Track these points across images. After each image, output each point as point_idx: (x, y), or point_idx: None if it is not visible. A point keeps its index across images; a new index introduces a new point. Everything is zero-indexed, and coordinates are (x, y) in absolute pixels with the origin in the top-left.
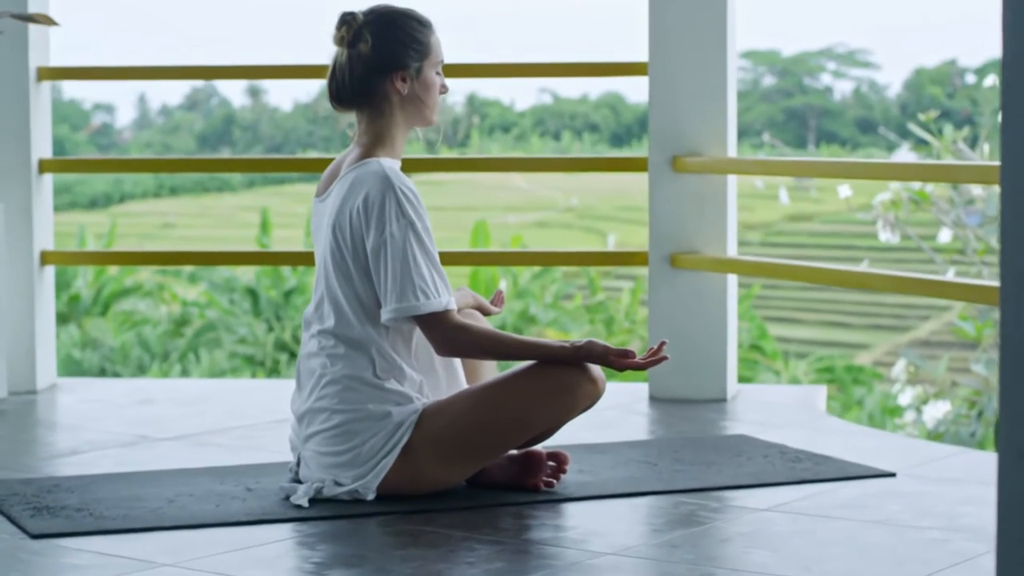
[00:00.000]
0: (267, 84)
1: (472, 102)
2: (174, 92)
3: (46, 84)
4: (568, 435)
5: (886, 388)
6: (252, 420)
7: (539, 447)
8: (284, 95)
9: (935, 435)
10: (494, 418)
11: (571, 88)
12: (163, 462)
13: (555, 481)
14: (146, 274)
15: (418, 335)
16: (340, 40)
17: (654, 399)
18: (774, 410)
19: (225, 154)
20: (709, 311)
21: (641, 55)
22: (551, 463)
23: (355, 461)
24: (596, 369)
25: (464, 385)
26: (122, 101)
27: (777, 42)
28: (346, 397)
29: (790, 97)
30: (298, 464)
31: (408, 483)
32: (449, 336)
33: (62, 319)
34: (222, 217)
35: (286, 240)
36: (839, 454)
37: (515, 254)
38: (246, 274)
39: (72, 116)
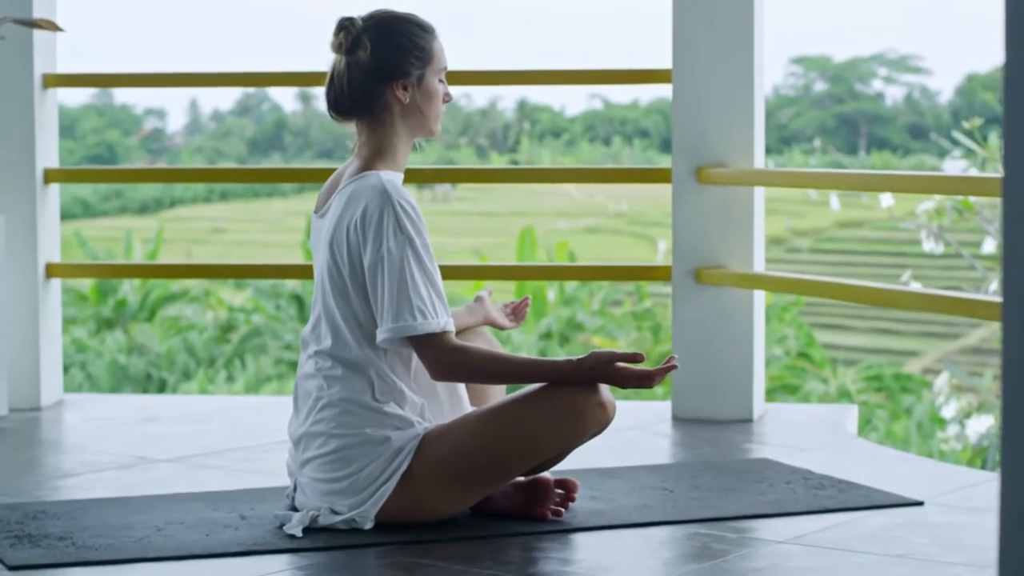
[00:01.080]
0: (318, 90)
1: (522, 108)
2: (225, 97)
3: (52, 91)
4: (585, 458)
5: (935, 397)
6: (257, 440)
7: (547, 474)
8: None
9: (979, 450)
10: (498, 444)
11: (622, 94)
12: (159, 486)
13: (563, 510)
14: (192, 279)
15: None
16: (338, 47)
17: (677, 419)
18: (802, 431)
19: (276, 160)
20: (735, 328)
21: (666, 62)
22: (559, 491)
23: (352, 488)
24: (605, 393)
25: (468, 408)
26: (173, 106)
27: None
28: (343, 421)
29: (841, 103)
30: (295, 490)
31: (408, 512)
32: (444, 359)
33: (108, 324)
34: (272, 222)
35: None
36: (866, 480)
37: (530, 268)
38: (292, 280)
39: (124, 121)
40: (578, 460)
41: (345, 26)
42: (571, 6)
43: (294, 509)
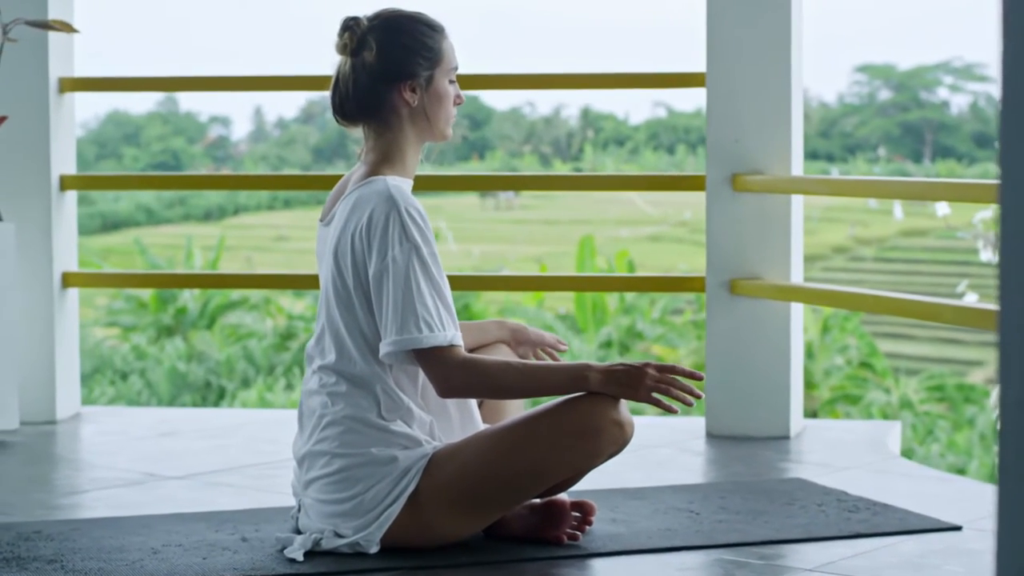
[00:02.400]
0: None
1: (586, 116)
2: (290, 105)
3: (69, 96)
4: (610, 476)
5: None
6: (274, 456)
7: (564, 495)
8: None
9: None
10: (509, 465)
11: (686, 102)
12: (164, 504)
13: (580, 534)
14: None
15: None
16: (343, 48)
17: (711, 436)
18: (840, 449)
19: (340, 167)
20: (771, 341)
21: (700, 65)
22: (576, 514)
23: (357, 510)
24: (623, 411)
25: (480, 426)
26: (238, 114)
27: (893, 56)
28: (348, 440)
29: (906, 111)
30: (299, 511)
31: (415, 535)
32: (451, 375)
33: (168, 332)
34: None
35: None
36: (904, 502)
37: (562, 279)
38: None
39: (188, 129)
40: (602, 479)
41: (350, 26)
42: (611, 11)
43: (298, 532)
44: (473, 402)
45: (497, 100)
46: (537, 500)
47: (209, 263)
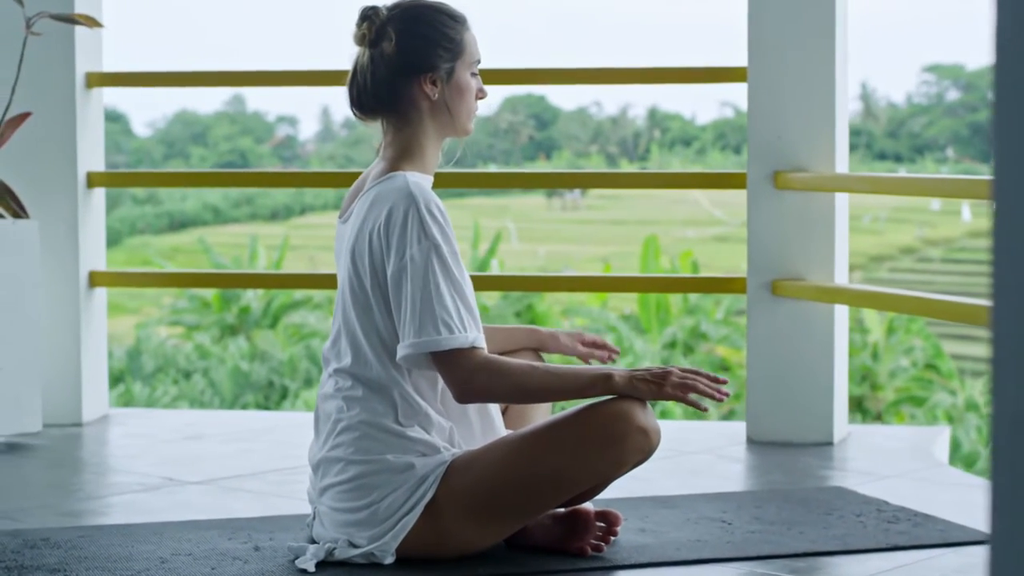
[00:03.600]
0: None
1: (653, 116)
2: None
3: (97, 91)
4: (642, 483)
5: None
6: (297, 461)
7: (589, 504)
8: None
9: None
10: (530, 474)
11: None
12: (179, 511)
13: (604, 545)
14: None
15: None
16: (361, 39)
17: (752, 442)
18: (885, 456)
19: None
20: (814, 344)
21: (741, 59)
22: (600, 524)
23: (372, 519)
24: (649, 417)
25: (502, 432)
26: (305, 113)
27: (961, 56)
28: (363, 446)
29: (975, 112)
30: (314, 520)
31: (432, 545)
32: (471, 379)
33: (232, 331)
34: None
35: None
36: (947, 512)
37: (602, 279)
38: None
39: (256, 128)
40: (634, 486)
41: (368, 16)
42: (655, 7)
43: (313, 541)
44: (495, 408)
45: (564, 100)
46: (561, 509)
47: (273, 263)
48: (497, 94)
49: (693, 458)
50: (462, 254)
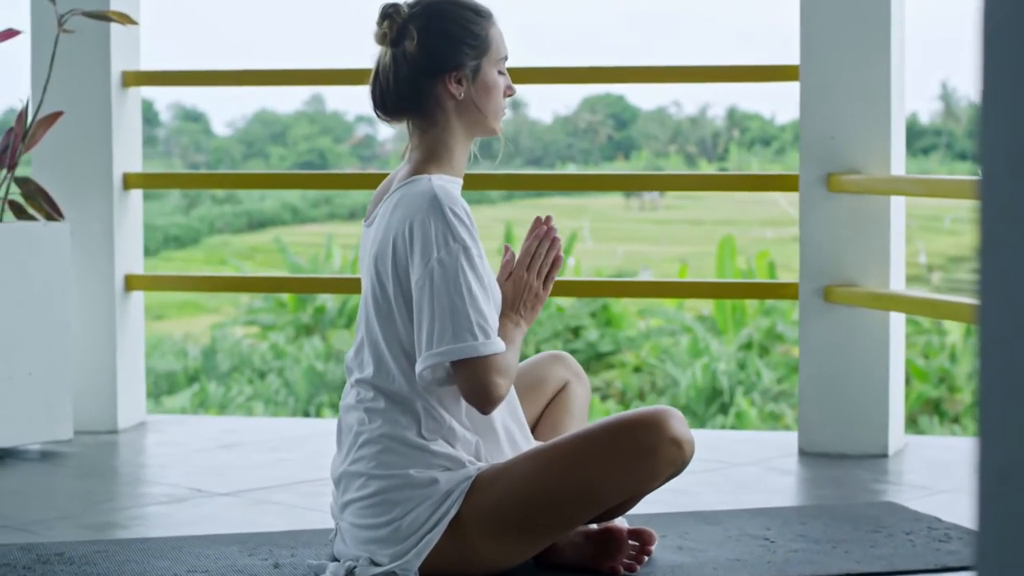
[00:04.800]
0: (528, 97)
1: (732, 116)
2: None
3: (134, 90)
4: (684, 497)
5: None
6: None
7: (622, 520)
8: (545, 108)
9: None
10: (558, 488)
11: None
12: (203, 524)
13: (637, 565)
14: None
15: None
16: (382, 38)
17: (804, 454)
18: (942, 469)
19: (485, 167)
20: (868, 352)
21: (793, 57)
22: (633, 542)
23: (394, 536)
24: (681, 428)
25: (530, 445)
26: None
27: None
28: (385, 460)
29: None
30: (336, 536)
31: (457, 563)
32: (502, 383)
33: (307, 331)
34: (478, 229)
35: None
36: None
37: (648, 284)
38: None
39: (335, 128)
40: (676, 500)
41: (389, 14)
42: (712, 4)
43: (335, 558)
44: (522, 419)
45: (643, 100)
46: (593, 526)
47: (348, 263)
48: (576, 94)
49: (741, 470)
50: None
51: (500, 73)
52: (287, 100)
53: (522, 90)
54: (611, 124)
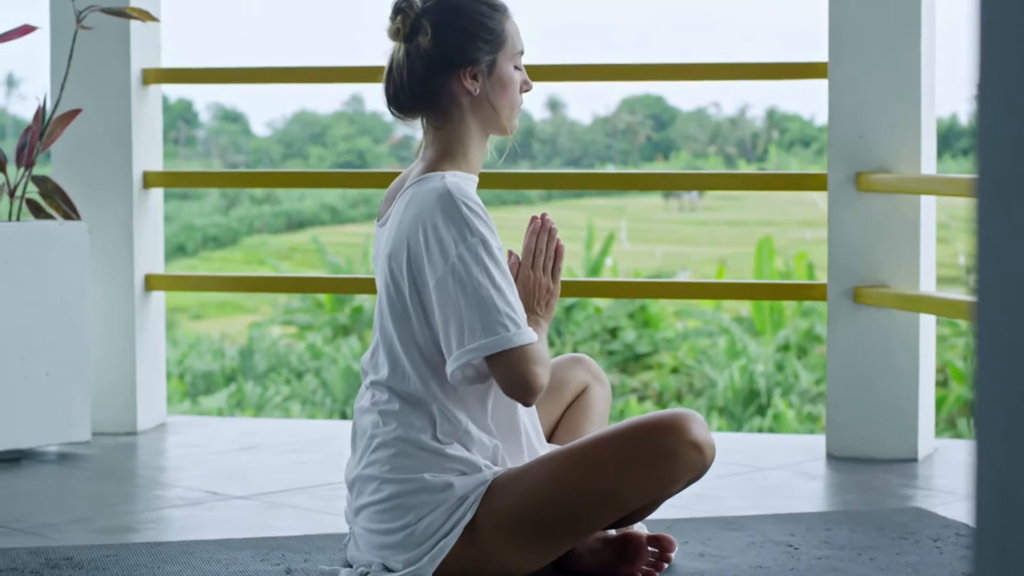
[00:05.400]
0: (567, 98)
1: (771, 117)
2: None
3: (154, 88)
4: (708, 502)
5: None
6: None
7: (642, 526)
8: (584, 109)
9: None
10: (575, 492)
11: None
12: (217, 528)
13: (656, 572)
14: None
15: (497, 389)
16: (395, 33)
17: (832, 458)
18: None
19: (524, 167)
20: (898, 354)
21: (822, 54)
22: (653, 549)
23: (408, 542)
24: (701, 431)
25: (547, 448)
26: None
27: None
28: (399, 464)
29: None
30: (350, 541)
31: (472, 570)
32: (538, 372)
33: (344, 331)
34: (515, 230)
35: (567, 254)
36: None
37: (678, 285)
38: None
39: (374, 128)
40: (700, 505)
41: (402, 9)
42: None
43: (348, 564)
44: (538, 423)
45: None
46: (612, 532)
47: None
48: (615, 95)
49: (768, 474)
50: (575, 255)
51: (516, 68)
52: (326, 101)
53: (558, 89)
54: (650, 125)
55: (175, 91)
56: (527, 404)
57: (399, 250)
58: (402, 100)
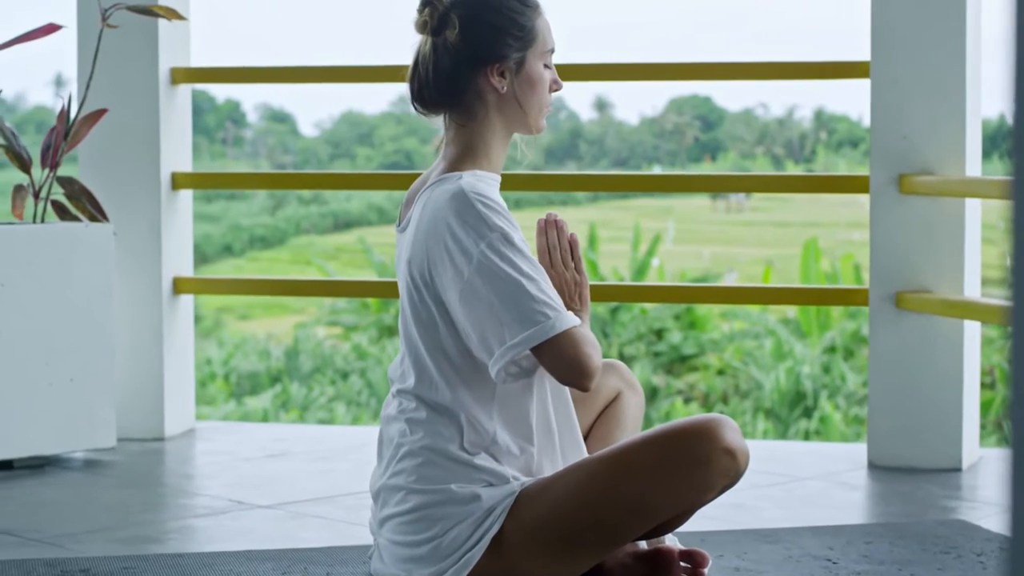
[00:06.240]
0: (615, 98)
1: (819, 117)
2: None
3: (184, 88)
4: (745, 513)
5: None
6: None
7: (674, 539)
8: (631, 109)
9: None
10: (604, 502)
11: None
12: (240, 539)
13: None
14: None
15: (540, 392)
16: (423, 26)
17: (873, 467)
18: None
19: (571, 168)
20: (941, 361)
21: (864, 53)
22: (685, 564)
23: (434, 554)
24: (734, 436)
25: (583, 454)
26: None
27: None
28: (426, 474)
29: None
30: (375, 553)
31: None
32: (589, 354)
33: (390, 332)
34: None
35: (613, 255)
36: None
37: (719, 290)
38: None
39: (421, 129)
40: (737, 516)
41: (431, 2)
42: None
43: None
44: (579, 433)
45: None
46: (643, 544)
47: None
48: (662, 95)
49: (807, 484)
50: (622, 256)
51: (546, 67)
52: (374, 101)
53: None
54: (698, 125)
55: (223, 91)
56: (585, 389)
57: (419, 256)
58: (426, 95)
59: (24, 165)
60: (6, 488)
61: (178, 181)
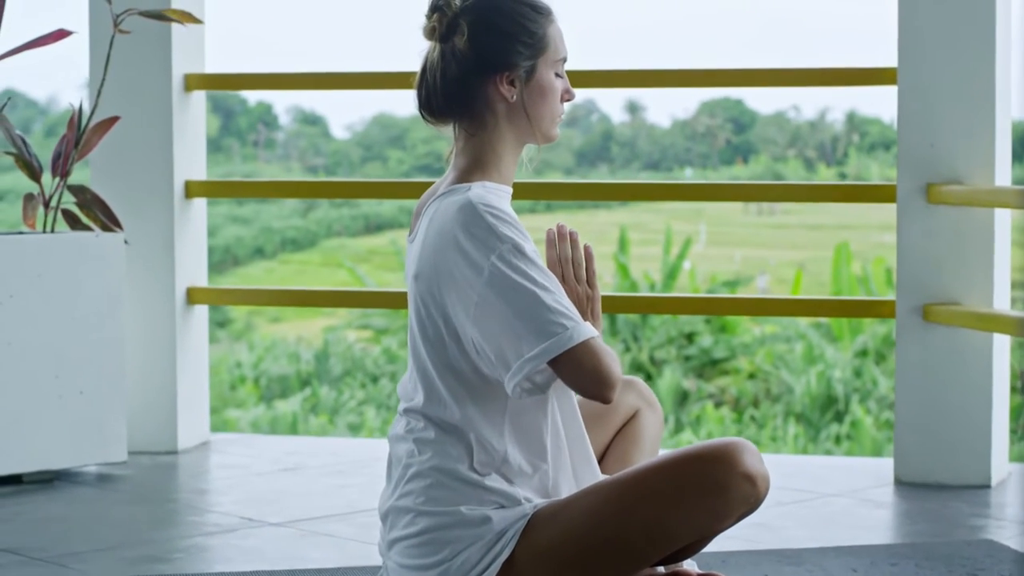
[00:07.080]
0: (646, 101)
1: (851, 120)
2: None
3: (198, 94)
4: (767, 532)
5: None
6: None
7: (693, 565)
8: (663, 112)
9: None
10: (619, 526)
11: None
12: (246, 559)
13: None
14: None
15: (552, 409)
16: (431, 32)
17: (900, 483)
18: None
19: (603, 171)
20: (970, 376)
21: (891, 59)
22: None
23: None
24: (754, 462)
25: (599, 476)
26: None
27: None
28: (435, 495)
29: None
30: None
31: None
32: (609, 365)
33: None
34: (595, 234)
35: (643, 259)
36: None
37: (747, 301)
38: (604, 291)
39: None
40: (759, 536)
41: (439, 7)
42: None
43: None
44: (591, 452)
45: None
46: (661, 569)
47: None
48: (694, 98)
49: (832, 502)
50: (653, 259)
51: (557, 76)
52: (406, 103)
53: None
54: (730, 128)
55: (254, 94)
56: (607, 401)
57: (426, 271)
58: (434, 104)
59: (34, 174)
60: (15, 504)
61: (191, 189)
